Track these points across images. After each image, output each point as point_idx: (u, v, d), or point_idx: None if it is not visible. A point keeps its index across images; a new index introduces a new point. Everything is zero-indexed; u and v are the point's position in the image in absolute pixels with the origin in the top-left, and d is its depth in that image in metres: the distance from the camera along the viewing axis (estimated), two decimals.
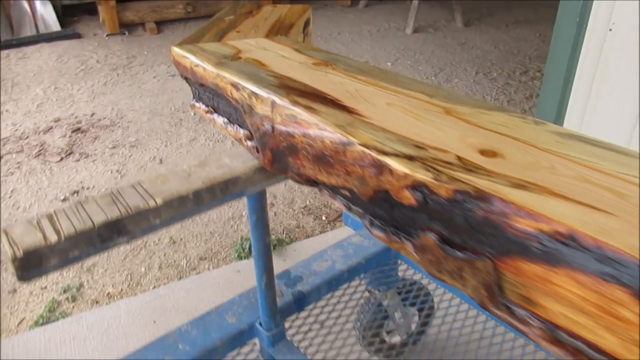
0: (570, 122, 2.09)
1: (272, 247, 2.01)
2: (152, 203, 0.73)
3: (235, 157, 0.84)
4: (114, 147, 2.78)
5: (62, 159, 2.67)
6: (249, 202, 0.93)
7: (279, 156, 0.75)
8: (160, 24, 4.64)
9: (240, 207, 2.34)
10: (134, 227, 0.72)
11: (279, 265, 1.76)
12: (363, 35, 4.55)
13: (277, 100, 0.72)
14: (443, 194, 0.51)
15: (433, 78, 3.63)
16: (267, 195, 2.49)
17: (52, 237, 0.67)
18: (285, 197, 2.38)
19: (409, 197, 0.55)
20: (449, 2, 4.82)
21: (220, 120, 0.94)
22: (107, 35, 4.38)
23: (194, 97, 1.04)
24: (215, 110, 0.95)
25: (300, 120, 0.68)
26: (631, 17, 1.80)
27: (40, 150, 2.74)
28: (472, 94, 3.38)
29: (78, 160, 2.66)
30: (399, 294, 1.31)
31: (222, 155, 0.85)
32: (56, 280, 1.91)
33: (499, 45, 4.24)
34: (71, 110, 3.20)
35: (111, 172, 2.57)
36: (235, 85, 0.80)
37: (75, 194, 2.39)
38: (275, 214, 2.29)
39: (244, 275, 1.82)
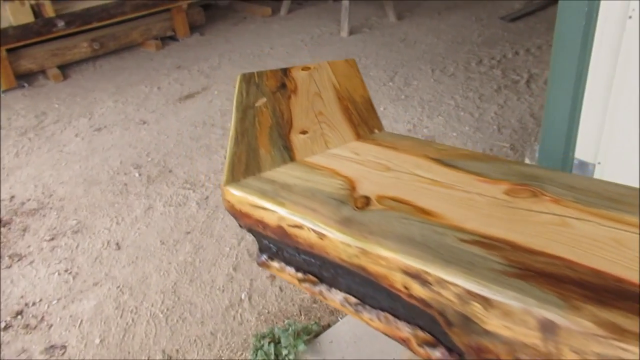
0: (586, 138, 1.85)
1: (302, 344, 1.59)
2: None
3: None
4: (52, 239, 2.24)
5: None
6: None
7: None
8: (65, 68, 4.01)
9: (236, 288, 1.92)
10: None
11: None
12: (298, 46, 4.19)
13: (563, 322, 0.36)
14: None
15: (390, 84, 3.35)
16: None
17: None
18: None
19: None
20: None
21: (337, 297, 0.56)
22: (3, 91, 3.71)
23: (264, 251, 0.65)
24: (323, 280, 0.57)
25: None
26: None
27: None
28: (440, 96, 3.14)
29: (10, 267, 2.11)
30: None
31: None
32: None
33: (441, 36, 4.05)
34: None
35: (58, 273, 2.05)
36: (417, 277, 0.43)
37: (20, 316, 1.87)
38: (280, 288, 1.90)
39: None
